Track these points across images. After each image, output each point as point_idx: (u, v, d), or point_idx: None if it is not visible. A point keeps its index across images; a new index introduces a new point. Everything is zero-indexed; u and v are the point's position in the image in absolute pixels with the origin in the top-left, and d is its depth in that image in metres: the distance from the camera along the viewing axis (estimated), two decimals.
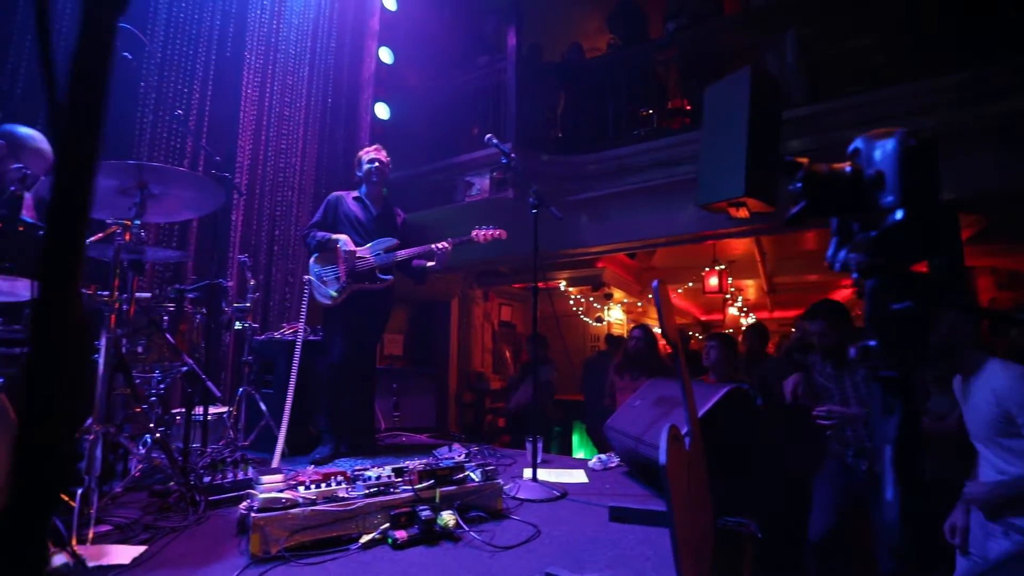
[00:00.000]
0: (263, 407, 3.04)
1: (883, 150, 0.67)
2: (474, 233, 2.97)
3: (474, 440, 3.65)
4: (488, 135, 2.71)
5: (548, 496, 2.25)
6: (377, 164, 3.20)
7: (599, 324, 8.45)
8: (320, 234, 3.04)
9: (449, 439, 3.89)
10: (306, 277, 3.07)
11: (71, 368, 0.36)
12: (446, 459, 2.20)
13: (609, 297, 7.87)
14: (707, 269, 6.88)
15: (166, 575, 1.47)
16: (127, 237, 1.85)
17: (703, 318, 11.19)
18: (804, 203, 0.73)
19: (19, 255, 1.62)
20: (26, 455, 0.34)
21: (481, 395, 7.10)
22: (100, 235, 1.78)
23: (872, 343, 0.66)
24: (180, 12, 3.69)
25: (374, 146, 3.33)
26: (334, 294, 2.99)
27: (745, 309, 9.81)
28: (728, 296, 8.40)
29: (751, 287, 9.39)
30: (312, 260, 3.10)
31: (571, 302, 7.96)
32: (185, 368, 2.63)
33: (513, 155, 2.60)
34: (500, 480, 2.07)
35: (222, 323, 3.15)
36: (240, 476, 2.17)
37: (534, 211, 2.52)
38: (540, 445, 2.76)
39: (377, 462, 2.38)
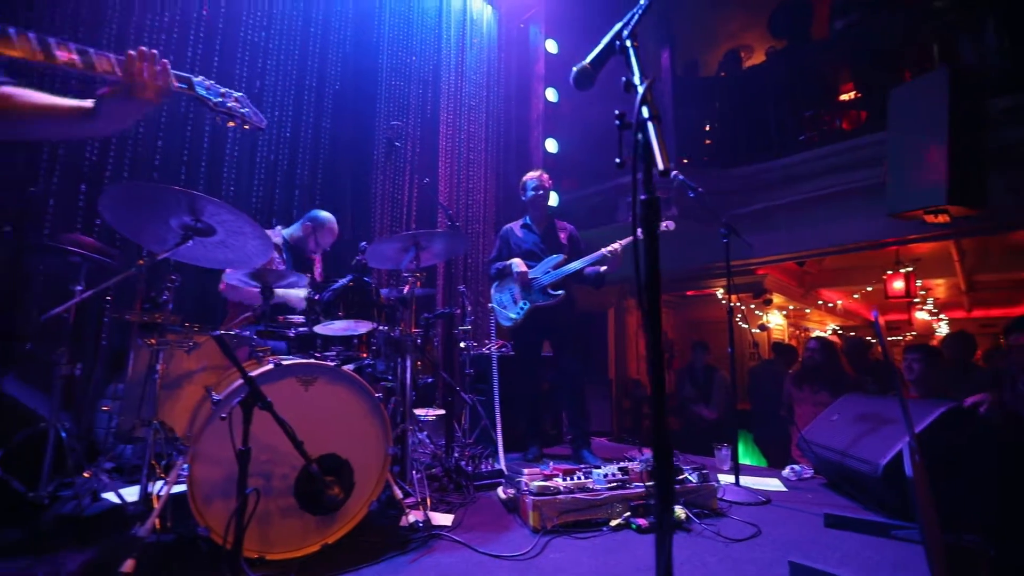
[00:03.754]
0: (481, 411, 3.66)
1: None
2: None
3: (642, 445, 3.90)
4: (674, 172, 3.01)
5: (755, 500, 2.47)
6: (542, 192, 3.42)
7: (761, 332, 8.15)
8: (497, 264, 3.50)
9: (629, 444, 4.22)
10: (489, 305, 3.51)
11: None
12: None
13: (769, 303, 7.58)
14: (889, 272, 6.31)
15: (478, 536, 2.01)
16: (419, 284, 2.50)
17: (881, 321, 10.04)
18: None
19: (360, 303, 2.32)
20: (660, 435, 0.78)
21: (638, 402, 7.31)
22: (406, 286, 2.44)
23: None
24: (394, 89, 4.56)
25: (538, 171, 3.57)
26: (514, 316, 3.37)
27: (936, 310, 8.66)
28: (916, 300, 7.54)
29: (942, 286, 8.30)
30: (492, 289, 3.54)
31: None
32: (431, 380, 3.34)
33: (700, 189, 2.87)
34: (713, 483, 2.36)
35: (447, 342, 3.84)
36: (492, 467, 2.75)
37: (725, 240, 2.76)
38: (728, 453, 2.98)
39: (581, 463, 2.79)
